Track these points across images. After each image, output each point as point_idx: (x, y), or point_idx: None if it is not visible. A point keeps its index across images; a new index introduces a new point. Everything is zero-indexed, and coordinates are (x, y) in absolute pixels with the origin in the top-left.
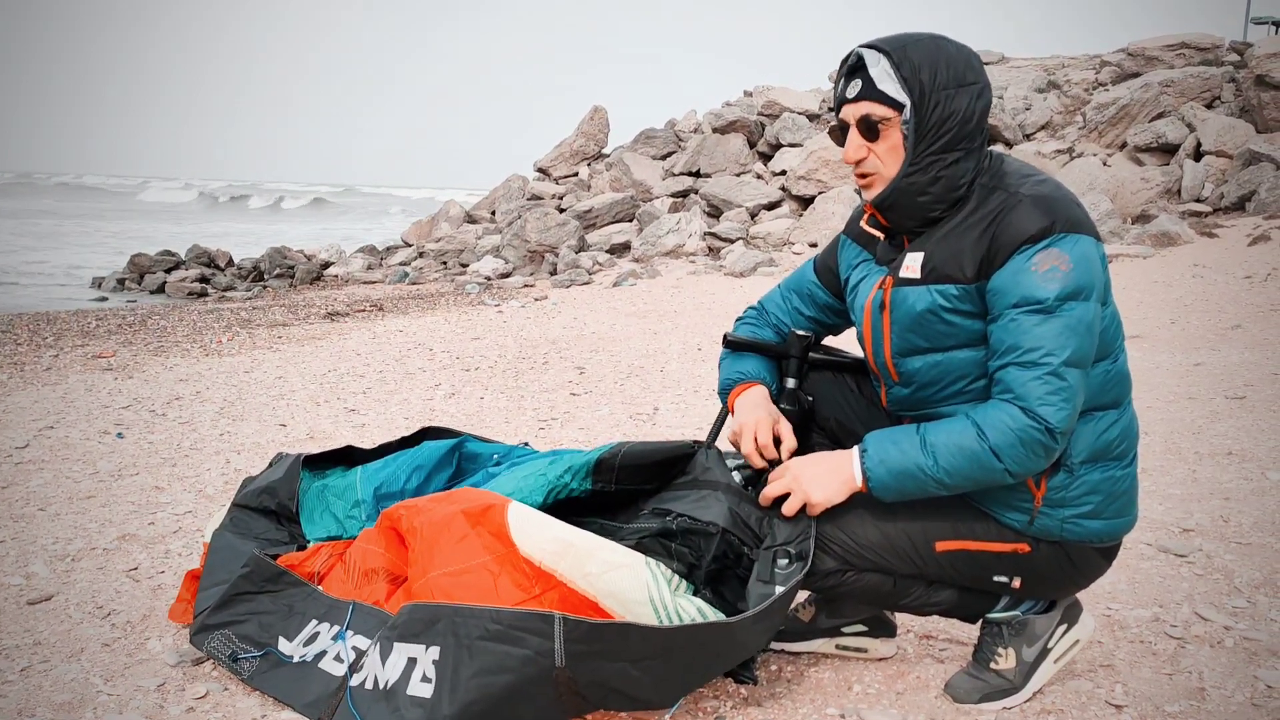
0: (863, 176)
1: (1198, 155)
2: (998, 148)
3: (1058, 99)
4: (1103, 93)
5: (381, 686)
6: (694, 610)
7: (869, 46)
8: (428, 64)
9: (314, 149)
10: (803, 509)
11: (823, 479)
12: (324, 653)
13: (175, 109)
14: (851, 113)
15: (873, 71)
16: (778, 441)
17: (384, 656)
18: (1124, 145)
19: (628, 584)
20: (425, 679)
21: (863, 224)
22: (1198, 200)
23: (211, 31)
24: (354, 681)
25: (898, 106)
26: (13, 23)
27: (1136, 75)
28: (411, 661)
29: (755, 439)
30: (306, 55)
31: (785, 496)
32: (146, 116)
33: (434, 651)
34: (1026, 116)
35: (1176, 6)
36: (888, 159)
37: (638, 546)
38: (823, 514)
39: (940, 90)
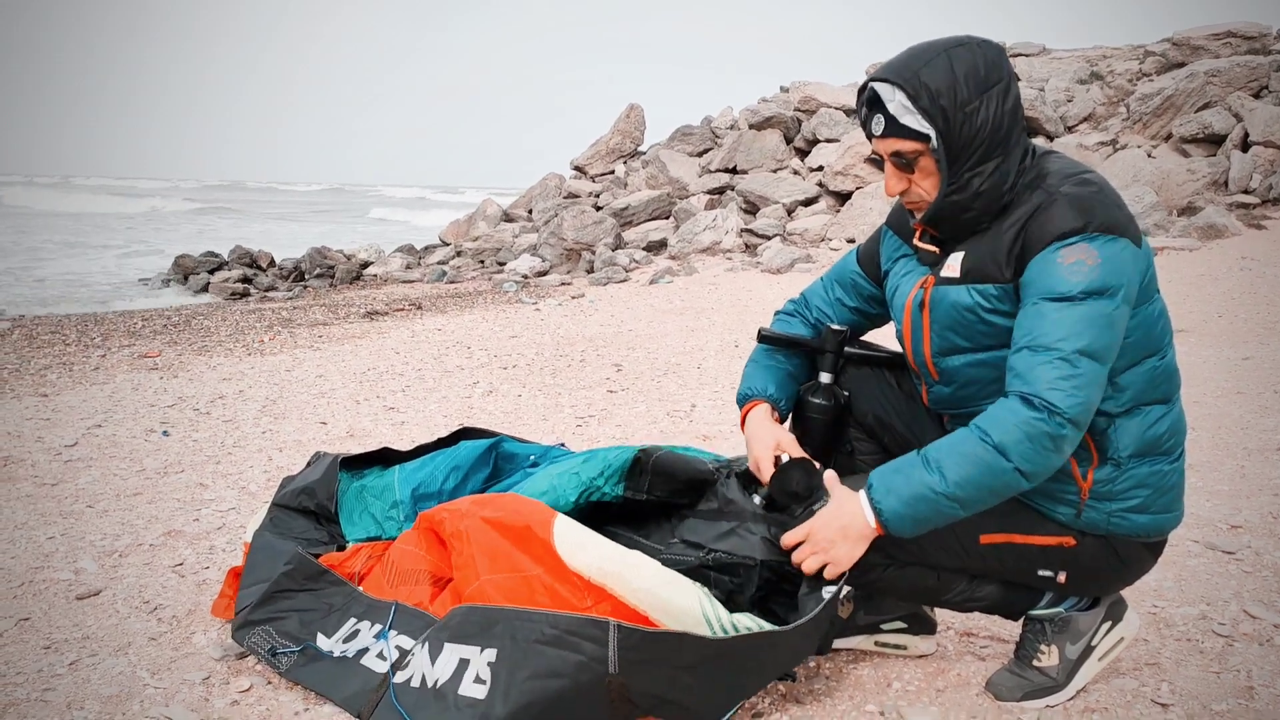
0: (912, 202)
1: (1245, 146)
2: (1039, 140)
3: (1100, 90)
4: (1147, 83)
5: (431, 685)
6: (748, 622)
7: (881, 79)
8: (421, 66)
9: (313, 148)
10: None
11: (839, 540)
12: (365, 650)
13: (170, 107)
14: (882, 148)
15: (890, 108)
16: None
17: (434, 656)
18: (1169, 136)
19: (679, 599)
20: (479, 680)
21: (916, 242)
22: (1245, 191)
23: (187, 29)
24: (397, 679)
25: (924, 138)
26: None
27: (1181, 65)
28: (464, 662)
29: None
30: (305, 50)
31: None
32: (143, 116)
33: (490, 654)
34: (1068, 109)
35: None
36: (929, 184)
37: None
38: None
39: (962, 109)
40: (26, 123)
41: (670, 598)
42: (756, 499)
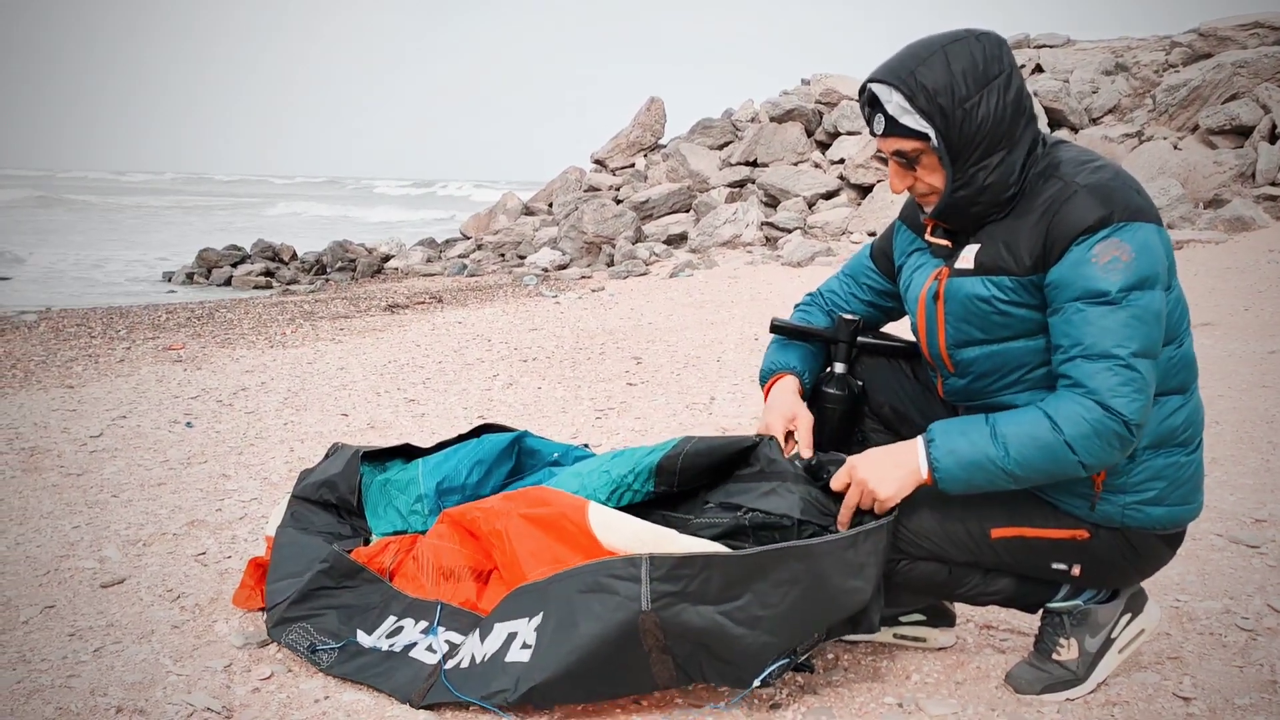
0: (921, 195)
1: (1273, 137)
2: (1062, 133)
3: (1126, 82)
4: (1173, 74)
5: (478, 661)
6: None
7: (878, 81)
8: (422, 65)
9: (316, 142)
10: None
11: (888, 475)
12: (414, 644)
13: (171, 104)
14: (884, 147)
15: (889, 108)
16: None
17: (484, 637)
18: (1195, 128)
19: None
20: (524, 645)
21: (929, 237)
22: (1273, 184)
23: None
24: (448, 665)
25: (924, 137)
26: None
27: (1208, 56)
28: (512, 635)
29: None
30: (305, 49)
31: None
32: (141, 111)
33: (537, 619)
34: (1093, 100)
35: None
36: (934, 179)
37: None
38: None
39: (961, 105)
40: (27, 119)
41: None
42: (799, 463)
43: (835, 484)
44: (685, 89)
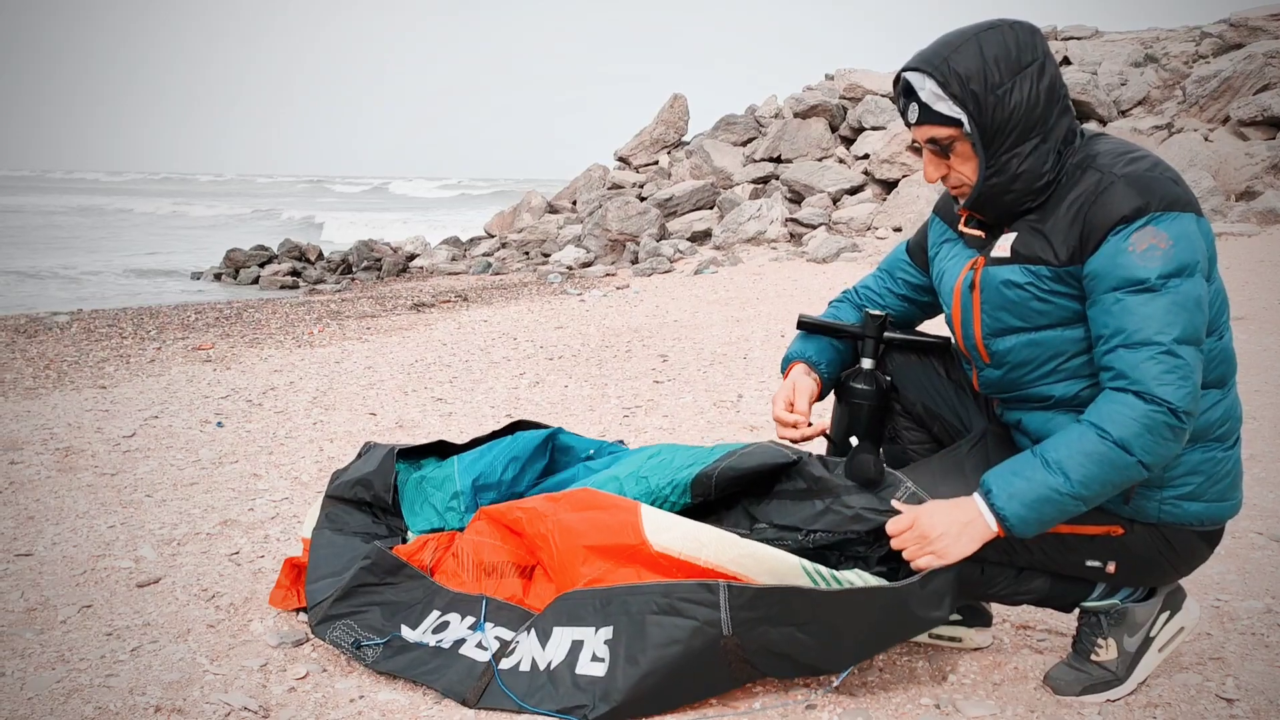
0: (954, 186)
1: None
2: (1091, 125)
3: (1155, 73)
4: (1203, 65)
5: (543, 668)
6: (855, 578)
7: (912, 69)
8: (421, 66)
9: (317, 143)
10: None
11: (955, 537)
12: (462, 640)
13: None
14: (918, 135)
15: (922, 95)
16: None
17: (543, 640)
18: (1227, 119)
19: (780, 555)
20: (596, 658)
21: (962, 228)
22: None
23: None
24: (503, 666)
25: (956, 123)
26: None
27: (1239, 46)
28: (578, 643)
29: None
30: (305, 51)
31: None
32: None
33: (605, 632)
34: (1122, 92)
35: None
36: (967, 169)
37: None
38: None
39: (993, 92)
40: (28, 119)
41: (771, 555)
42: (840, 470)
43: (891, 528)
44: (685, 89)
